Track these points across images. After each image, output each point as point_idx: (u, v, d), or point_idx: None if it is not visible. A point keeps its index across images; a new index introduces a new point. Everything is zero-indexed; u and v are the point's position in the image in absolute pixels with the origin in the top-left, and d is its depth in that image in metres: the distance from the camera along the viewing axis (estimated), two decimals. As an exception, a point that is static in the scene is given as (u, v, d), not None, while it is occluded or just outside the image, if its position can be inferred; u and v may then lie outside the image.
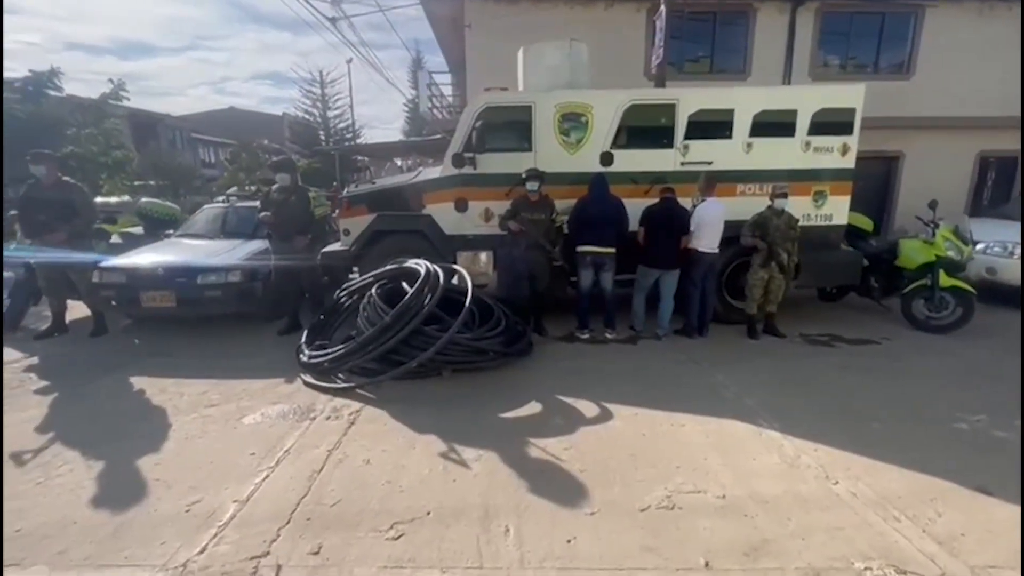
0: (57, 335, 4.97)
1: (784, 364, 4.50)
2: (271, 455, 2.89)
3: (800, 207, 5.36)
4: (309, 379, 3.88)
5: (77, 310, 5.45)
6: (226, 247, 5.45)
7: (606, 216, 4.86)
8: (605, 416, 3.44)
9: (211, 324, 5.30)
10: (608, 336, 5.14)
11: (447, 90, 14.54)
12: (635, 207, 4.99)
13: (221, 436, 3.14)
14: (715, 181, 5.00)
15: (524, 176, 4.94)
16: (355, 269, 5.65)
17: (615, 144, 5.36)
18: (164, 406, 3.56)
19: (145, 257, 5.09)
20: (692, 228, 4.91)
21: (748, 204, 5.24)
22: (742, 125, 5.35)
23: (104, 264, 4.90)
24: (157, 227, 6.87)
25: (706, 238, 4.95)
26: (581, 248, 4.93)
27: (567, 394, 3.77)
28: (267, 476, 2.68)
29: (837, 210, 5.59)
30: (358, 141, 27.11)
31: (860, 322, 5.81)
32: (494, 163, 5.36)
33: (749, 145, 5.39)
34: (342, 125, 30.45)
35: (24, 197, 4.67)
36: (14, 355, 4.53)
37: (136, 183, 15.85)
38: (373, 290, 4.39)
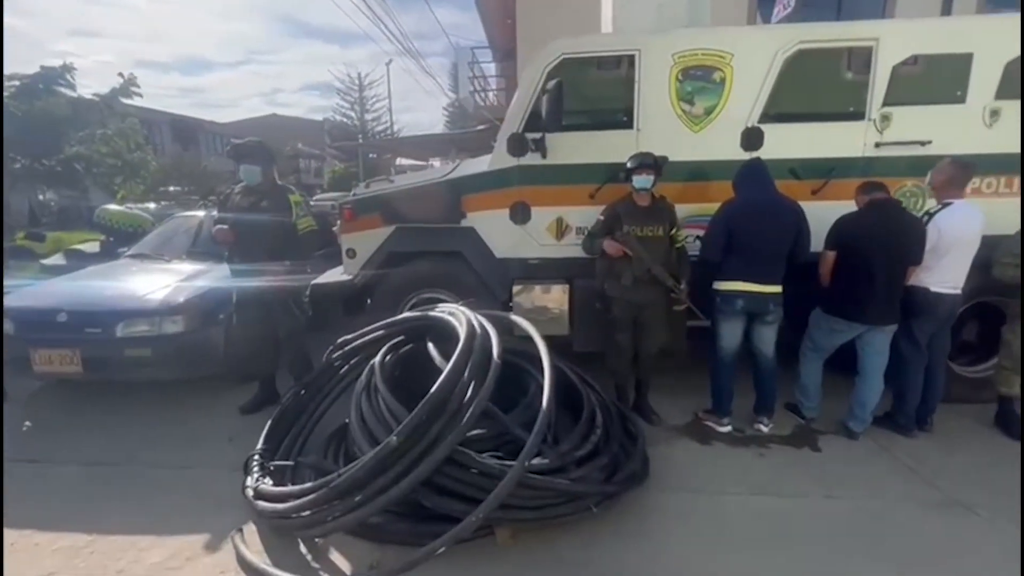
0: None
1: None
2: None
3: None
4: (248, 555, 2.03)
5: None
6: (180, 276, 3.75)
7: (772, 233, 2.85)
8: None
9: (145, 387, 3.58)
10: (763, 428, 3.11)
11: (492, 83, 12.71)
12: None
13: None
14: (971, 171, 2.90)
15: (629, 166, 3.00)
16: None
17: (767, 115, 3.34)
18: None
19: (50, 293, 3.44)
20: (928, 252, 2.83)
21: (992, 209, 3.09)
22: (985, 80, 3.22)
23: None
24: (122, 241, 5.30)
25: (949, 269, 2.86)
26: (727, 285, 2.93)
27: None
28: None
29: None
30: (393, 143, 25.86)
31: None
32: (574, 148, 3.44)
33: (995, 113, 3.25)
34: (380, 128, 29.48)
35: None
36: None
37: (167, 188, 14.91)
38: (376, 362, 2.54)
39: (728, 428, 3.10)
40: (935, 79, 3.30)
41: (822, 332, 3.05)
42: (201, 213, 4.93)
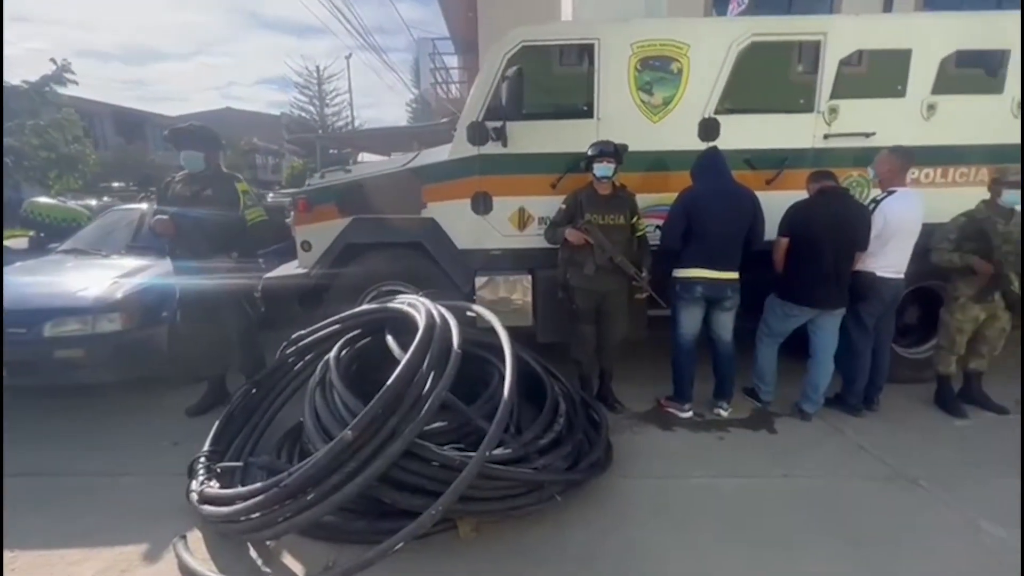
0: None
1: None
2: None
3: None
4: (192, 563, 1.89)
5: None
6: (119, 271, 3.50)
7: (729, 220, 2.90)
8: None
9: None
10: (722, 413, 3.17)
11: (455, 74, 12.53)
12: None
13: None
14: (912, 158, 3.03)
15: (590, 154, 2.99)
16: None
17: (722, 106, 3.40)
18: None
19: (-33, 291, 3.13)
20: (872, 238, 2.94)
21: (929, 199, 3.23)
22: (923, 75, 3.38)
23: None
24: (56, 237, 4.92)
25: (893, 255, 2.98)
26: (686, 272, 2.97)
27: (693, 565, 1.82)
28: None
29: (1059, 208, 3.61)
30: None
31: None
32: (535, 137, 3.41)
33: (931, 107, 3.42)
34: (340, 123, 28.67)
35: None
36: None
37: (110, 184, 13.99)
38: (331, 357, 2.43)
39: (689, 414, 3.15)
40: (878, 74, 3.44)
41: (776, 317, 3.14)
42: (143, 206, 4.63)
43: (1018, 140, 3.38)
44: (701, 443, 2.90)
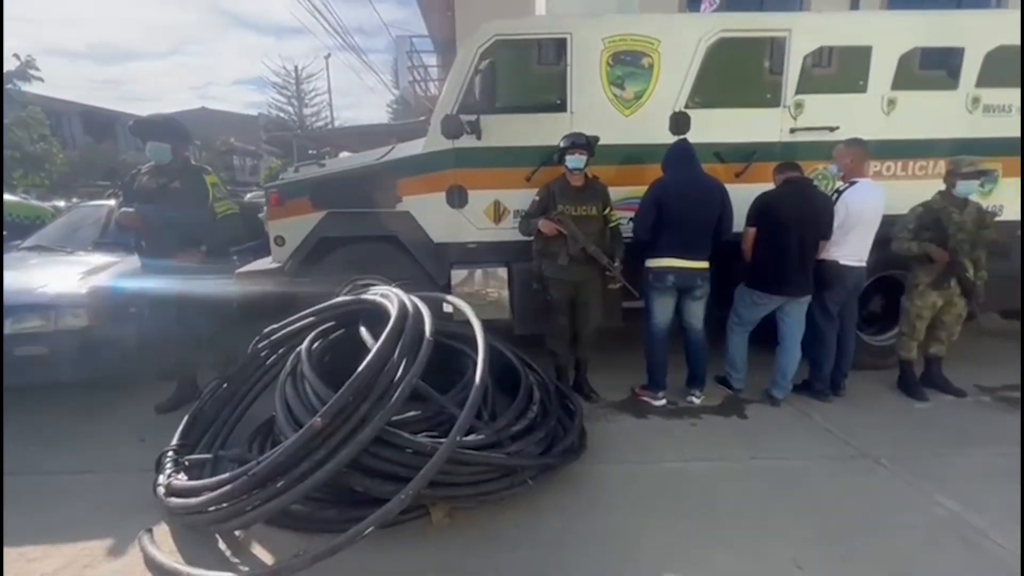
0: None
1: (1018, 455, 2.65)
2: None
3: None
4: (158, 556, 1.85)
5: None
6: (85, 267, 3.41)
7: (699, 210, 2.96)
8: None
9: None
10: (695, 400, 3.24)
11: (433, 72, 12.51)
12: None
13: None
14: (866, 146, 3.13)
15: (561, 146, 3.02)
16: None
17: (693, 100, 3.47)
18: None
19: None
20: (835, 227, 3.03)
21: (890, 191, 3.34)
22: (883, 71, 3.50)
23: None
24: (18, 235, 4.76)
25: (855, 244, 3.08)
26: (658, 262, 3.02)
27: (673, 555, 1.87)
28: None
29: (1011, 199, 3.77)
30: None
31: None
32: (509, 130, 3.43)
33: (891, 102, 3.55)
34: (320, 124, 28.32)
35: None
36: None
37: (77, 184, 13.60)
38: (303, 348, 2.42)
39: (663, 402, 3.20)
40: (841, 70, 3.55)
41: (746, 306, 3.21)
42: (111, 202, 4.51)
43: (973, 135, 3.54)
44: (674, 429, 2.95)
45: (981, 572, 1.87)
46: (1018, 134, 3.60)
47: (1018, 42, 3.51)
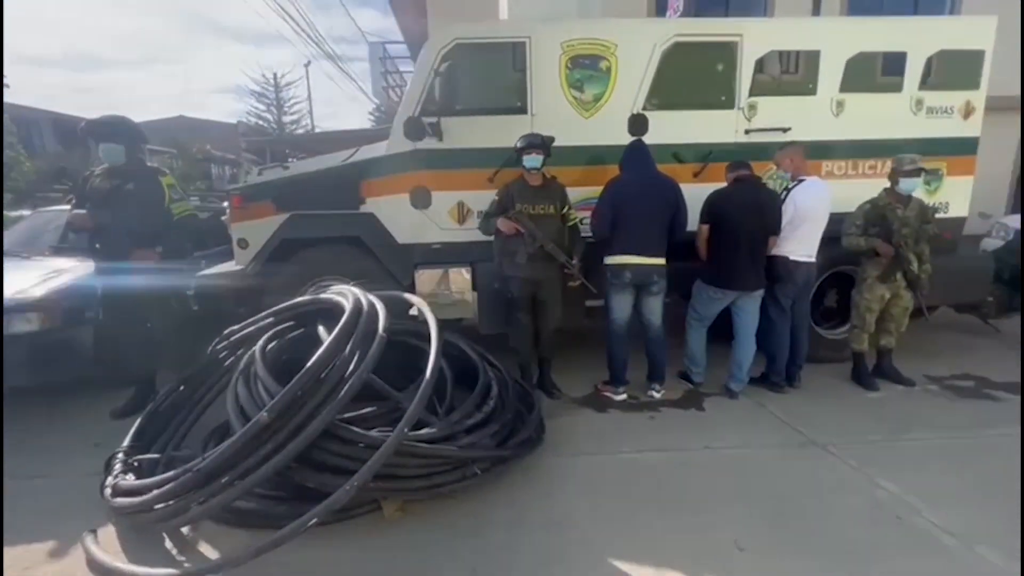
0: None
1: (960, 439, 2.77)
2: None
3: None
4: (100, 555, 1.83)
5: None
6: (41, 272, 3.35)
7: (654, 208, 3.04)
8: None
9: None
10: (655, 395, 3.30)
11: (407, 78, 12.53)
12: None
13: None
14: (801, 144, 3.26)
15: (518, 146, 3.08)
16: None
17: (650, 103, 3.57)
18: None
19: None
20: (784, 224, 3.14)
21: (838, 190, 3.47)
22: (831, 75, 3.65)
23: None
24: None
25: (804, 240, 3.19)
26: (615, 259, 3.09)
27: (621, 539, 1.91)
28: None
29: (956, 197, 3.94)
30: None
31: (990, 353, 4.16)
32: (471, 132, 3.48)
33: (840, 104, 3.69)
34: (299, 131, 28.14)
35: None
36: None
37: (46, 193, 13.26)
38: (257, 348, 2.41)
39: (623, 396, 3.26)
40: (792, 73, 3.68)
41: (702, 301, 3.30)
42: (69, 207, 4.44)
43: (918, 135, 3.70)
44: (632, 423, 3.01)
45: (911, 546, 1.95)
46: (959, 135, 3.79)
47: (958, 47, 3.69)
